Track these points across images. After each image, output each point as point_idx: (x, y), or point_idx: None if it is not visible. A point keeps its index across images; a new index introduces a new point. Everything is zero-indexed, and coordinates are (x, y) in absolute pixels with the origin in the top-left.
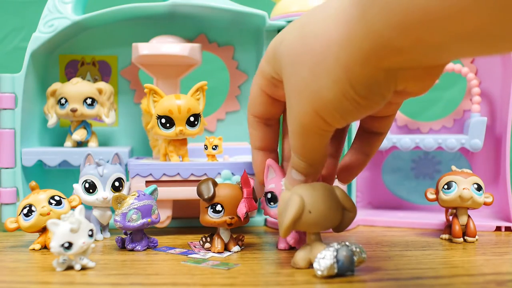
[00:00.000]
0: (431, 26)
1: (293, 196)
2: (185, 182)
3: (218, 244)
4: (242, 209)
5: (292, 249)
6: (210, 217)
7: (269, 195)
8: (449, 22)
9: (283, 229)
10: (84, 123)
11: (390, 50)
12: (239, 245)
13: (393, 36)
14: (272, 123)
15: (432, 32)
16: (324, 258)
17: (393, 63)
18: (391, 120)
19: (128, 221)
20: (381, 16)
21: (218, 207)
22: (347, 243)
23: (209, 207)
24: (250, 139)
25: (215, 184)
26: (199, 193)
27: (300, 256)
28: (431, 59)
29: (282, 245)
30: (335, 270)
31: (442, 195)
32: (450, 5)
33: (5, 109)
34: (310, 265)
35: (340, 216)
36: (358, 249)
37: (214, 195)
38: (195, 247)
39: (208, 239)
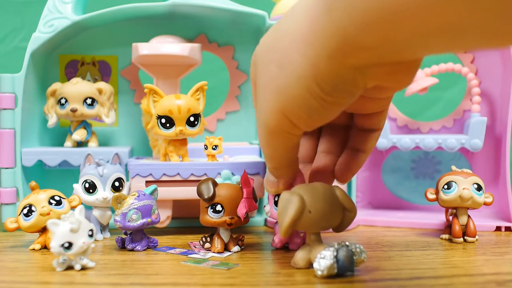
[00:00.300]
0: (395, 23)
1: (293, 196)
2: (185, 182)
3: (218, 244)
4: (242, 209)
5: (285, 248)
6: (210, 217)
7: (276, 198)
8: (413, 19)
9: (283, 229)
10: (84, 123)
11: (356, 47)
12: (239, 245)
13: (358, 33)
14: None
15: (396, 29)
16: (324, 258)
17: (360, 60)
18: (384, 116)
19: (128, 221)
20: (345, 13)
21: (218, 207)
22: (347, 243)
23: (209, 207)
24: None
25: (215, 184)
26: (199, 193)
27: (300, 256)
28: (399, 55)
29: (276, 240)
30: (335, 270)
31: (442, 195)
32: (411, 1)
33: (5, 109)
34: (310, 265)
35: (340, 216)
36: (358, 249)
37: (214, 195)
38: (195, 247)
39: (208, 239)
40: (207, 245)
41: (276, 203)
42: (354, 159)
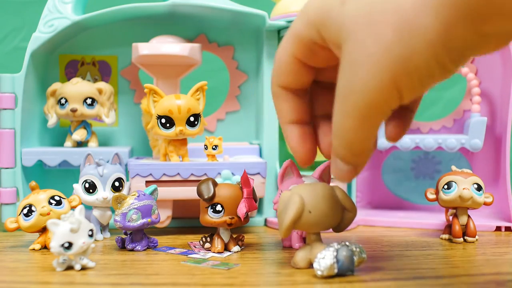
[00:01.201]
0: None
1: (293, 196)
2: (185, 182)
3: (218, 244)
4: (242, 209)
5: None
6: (210, 217)
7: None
8: None
9: (283, 229)
10: (84, 123)
11: (500, 12)
12: (239, 245)
13: None
14: (303, 94)
15: None
16: (324, 258)
17: (495, 27)
18: (420, 99)
19: (128, 221)
20: None
21: (218, 207)
22: (347, 243)
23: (209, 207)
24: (278, 114)
25: (215, 184)
26: (199, 193)
27: (300, 256)
28: None
29: (287, 243)
30: (335, 270)
31: (442, 195)
32: None
33: (5, 109)
34: (310, 265)
35: (340, 216)
36: (358, 249)
37: (214, 195)
38: (195, 247)
39: (208, 239)
40: (207, 245)
41: None
42: (406, 118)
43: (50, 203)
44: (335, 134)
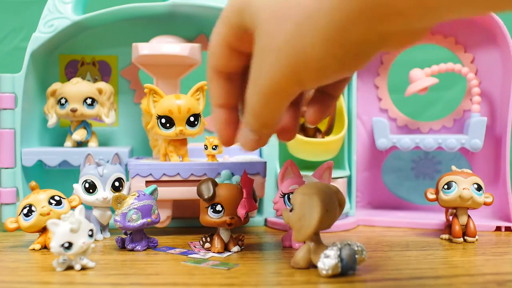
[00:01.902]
0: None
1: (313, 198)
2: (185, 182)
3: (218, 244)
4: (241, 209)
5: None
6: (210, 217)
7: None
8: None
9: (308, 233)
10: (84, 123)
11: (388, 12)
12: (239, 245)
13: None
14: (234, 78)
15: None
16: (329, 257)
17: (390, 26)
18: (345, 86)
19: (128, 221)
20: None
21: (218, 207)
22: (349, 242)
23: (209, 207)
24: (210, 95)
25: (215, 184)
26: (199, 193)
27: (300, 256)
28: (427, 21)
29: (287, 243)
30: (339, 269)
31: (442, 195)
32: None
33: (5, 109)
34: (310, 265)
35: (339, 212)
36: (359, 248)
37: (214, 195)
38: (195, 247)
39: (208, 239)
40: (207, 245)
41: (288, 198)
42: (326, 103)
43: (50, 203)
44: (246, 107)
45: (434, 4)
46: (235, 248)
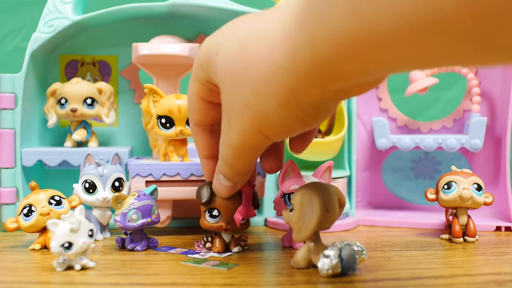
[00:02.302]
0: (378, 52)
1: (314, 198)
2: (185, 182)
3: (218, 244)
4: (238, 215)
5: (287, 247)
6: (207, 221)
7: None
8: (396, 49)
9: (308, 233)
10: (84, 123)
11: (338, 75)
12: (241, 246)
13: (341, 63)
14: (216, 128)
15: (379, 58)
16: (329, 257)
17: (341, 85)
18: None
19: (128, 221)
20: (328, 43)
21: (215, 212)
22: (349, 242)
23: (206, 211)
24: (196, 148)
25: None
26: (197, 196)
27: (301, 255)
28: (378, 76)
29: (287, 243)
30: (339, 269)
31: (442, 195)
32: (395, 32)
33: (5, 109)
34: (311, 265)
35: (340, 212)
36: (359, 248)
37: (210, 200)
38: (198, 246)
39: (210, 239)
40: (208, 245)
41: (289, 198)
42: (309, 135)
43: (50, 203)
44: (220, 157)
45: (377, 67)
46: (236, 249)
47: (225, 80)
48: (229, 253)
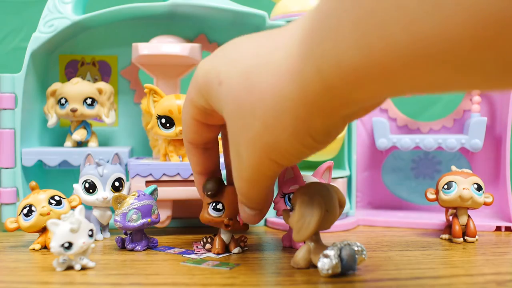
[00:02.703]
0: (384, 80)
1: (314, 198)
2: (185, 182)
3: (218, 245)
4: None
5: (287, 247)
6: (209, 214)
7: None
8: (402, 77)
9: (308, 233)
10: (84, 123)
11: (347, 102)
12: (240, 246)
13: (349, 91)
14: (210, 146)
15: (386, 85)
16: (329, 257)
17: (350, 111)
18: None
19: (128, 221)
20: (336, 73)
21: (219, 206)
22: (349, 242)
23: (211, 204)
24: (189, 162)
25: (220, 182)
26: (204, 187)
27: (300, 256)
28: (383, 100)
29: (287, 243)
30: (339, 269)
31: (442, 195)
32: (401, 61)
33: (5, 109)
34: (311, 265)
35: (339, 212)
36: (359, 248)
37: (215, 192)
38: (197, 247)
39: (209, 239)
40: (208, 245)
41: (289, 198)
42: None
43: (50, 203)
44: (237, 189)
45: (386, 93)
46: (236, 250)
47: (231, 113)
48: (229, 253)
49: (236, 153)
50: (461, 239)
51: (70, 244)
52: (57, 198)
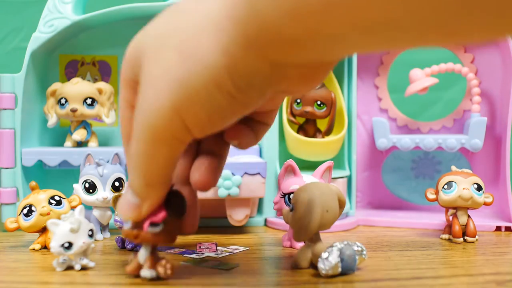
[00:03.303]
0: (324, 14)
1: (315, 197)
2: None
3: (130, 263)
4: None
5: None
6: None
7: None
8: (345, 12)
9: (308, 233)
10: (84, 123)
11: (278, 39)
12: (159, 271)
13: (282, 22)
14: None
15: (325, 22)
16: (329, 257)
17: (282, 55)
18: (276, 113)
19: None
20: (270, 1)
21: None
22: (349, 242)
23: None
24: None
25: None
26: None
27: (301, 256)
28: (325, 53)
29: (287, 243)
30: (340, 269)
31: (442, 195)
32: None
33: (5, 109)
34: (311, 265)
35: (340, 212)
36: (359, 248)
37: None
38: (200, 247)
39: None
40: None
41: (289, 198)
42: (259, 130)
43: (50, 203)
44: (128, 163)
45: (333, 33)
46: (147, 272)
47: (149, 51)
48: (229, 253)
49: (139, 103)
50: (461, 239)
51: (70, 244)
52: (57, 198)
